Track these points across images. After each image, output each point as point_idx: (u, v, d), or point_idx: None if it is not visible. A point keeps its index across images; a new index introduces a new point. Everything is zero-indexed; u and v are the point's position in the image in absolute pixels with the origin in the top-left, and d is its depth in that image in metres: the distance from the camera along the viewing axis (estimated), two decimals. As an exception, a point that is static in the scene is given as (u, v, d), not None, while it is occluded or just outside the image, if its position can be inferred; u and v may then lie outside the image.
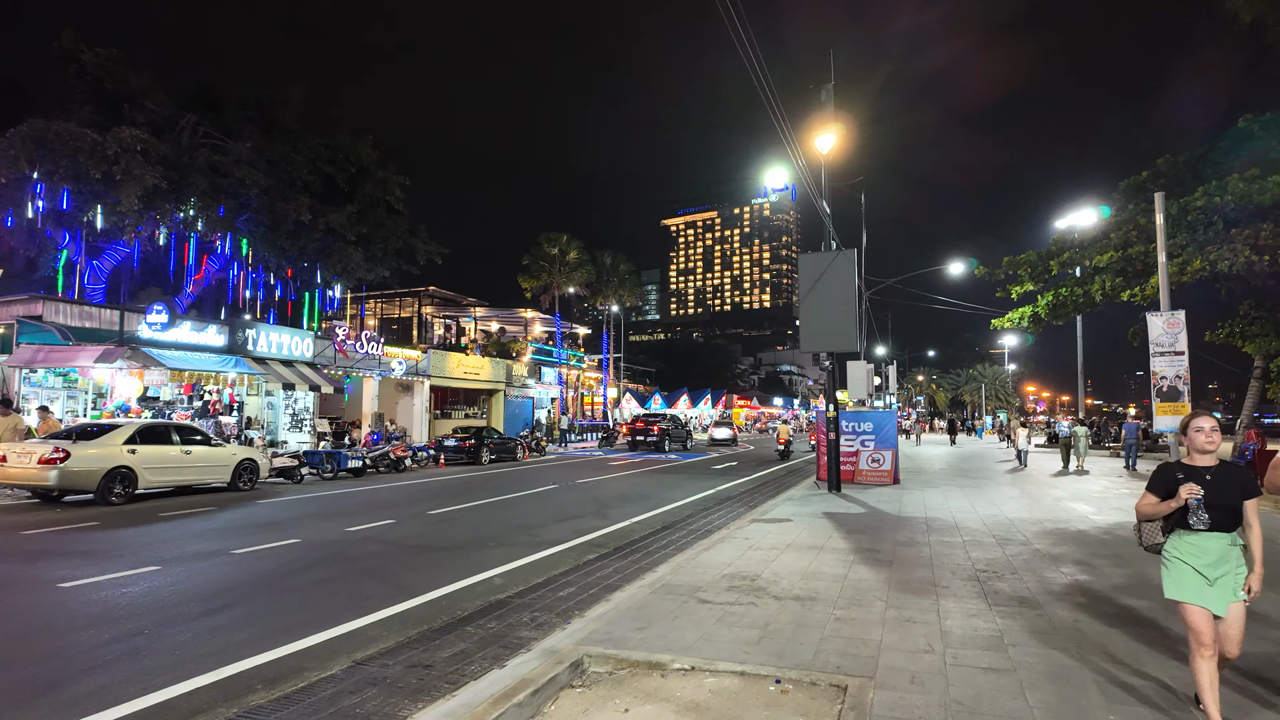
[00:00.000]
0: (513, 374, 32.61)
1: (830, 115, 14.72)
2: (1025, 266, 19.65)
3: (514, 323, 39.99)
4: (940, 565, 7.24)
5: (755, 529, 9.60)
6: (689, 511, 12.25)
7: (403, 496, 14.26)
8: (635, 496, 14.33)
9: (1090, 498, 13.30)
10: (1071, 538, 8.86)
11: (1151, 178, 18.58)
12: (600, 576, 7.24)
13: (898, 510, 11.49)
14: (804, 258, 14.61)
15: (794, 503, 12.56)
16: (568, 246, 37.19)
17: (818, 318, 14.36)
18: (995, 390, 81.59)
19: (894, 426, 16.53)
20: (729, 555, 7.78)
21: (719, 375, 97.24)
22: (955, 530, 9.46)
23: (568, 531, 10.09)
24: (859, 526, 9.78)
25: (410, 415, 26.72)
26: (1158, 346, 13.27)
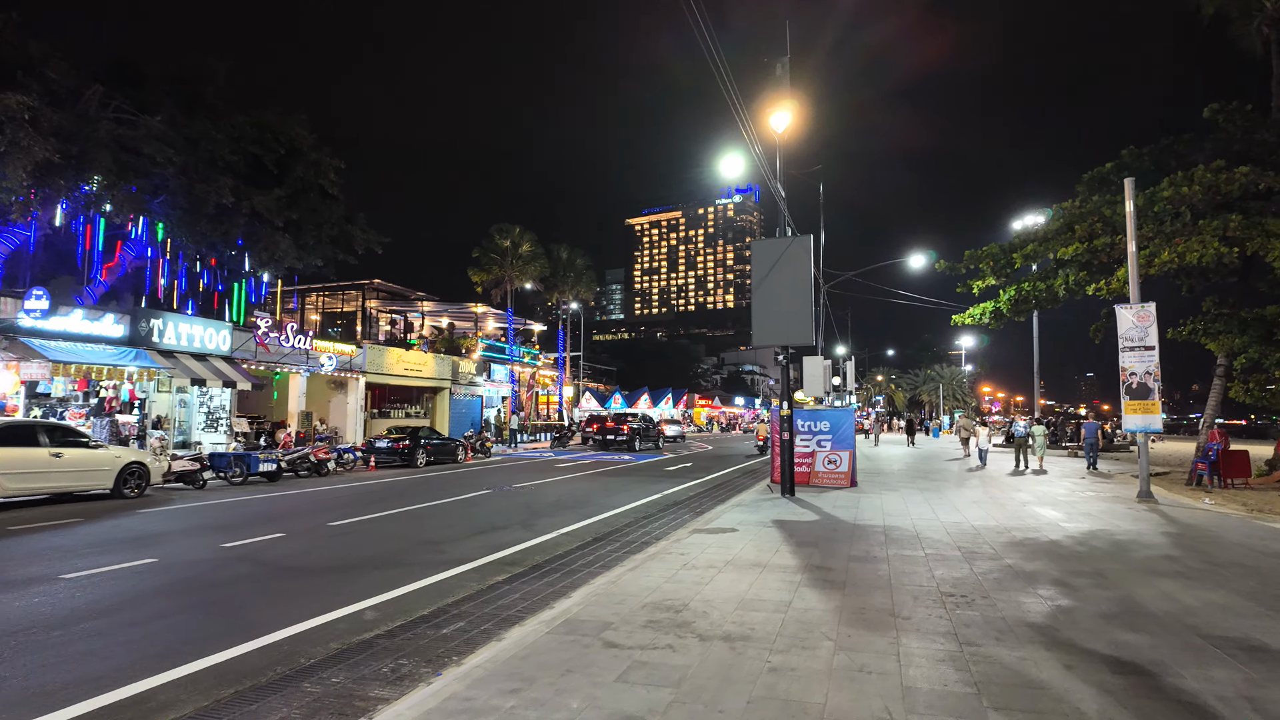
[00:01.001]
0: (459, 371, 31.04)
1: (786, 91, 13.70)
2: (987, 260, 18.93)
3: (464, 318, 38.36)
4: (900, 587, 6.17)
5: (695, 541, 8.46)
6: (628, 520, 11.07)
7: (310, 505, 12.80)
8: (573, 503, 13.10)
9: (1057, 502, 12.49)
10: (1044, 550, 7.90)
11: (1116, 169, 17.99)
12: (500, 607, 6.02)
13: (854, 518, 10.47)
14: (757, 244, 13.55)
15: (743, 509, 11.47)
16: (520, 239, 35.70)
17: (771, 309, 13.31)
18: (952, 390, 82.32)
19: (852, 426, 15.60)
20: (658, 577, 6.61)
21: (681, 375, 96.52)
22: (916, 542, 8.45)
23: (482, 547, 8.82)
24: (810, 538, 8.71)
25: (344, 414, 25.04)
26: (1127, 341, 12.54)
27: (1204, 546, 8.10)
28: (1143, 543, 8.37)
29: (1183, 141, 17.50)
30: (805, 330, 13.07)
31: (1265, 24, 18.14)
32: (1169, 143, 17.60)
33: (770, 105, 13.73)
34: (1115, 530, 9.32)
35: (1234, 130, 16.60)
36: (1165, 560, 7.31)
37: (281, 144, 24.85)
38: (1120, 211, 16.03)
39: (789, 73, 13.65)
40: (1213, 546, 8.08)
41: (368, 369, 25.51)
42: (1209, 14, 19.22)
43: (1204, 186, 14.49)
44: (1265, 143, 15.89)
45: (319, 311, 41.58)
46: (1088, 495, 13.61)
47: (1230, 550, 7.87)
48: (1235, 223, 13.91)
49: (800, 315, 13.04)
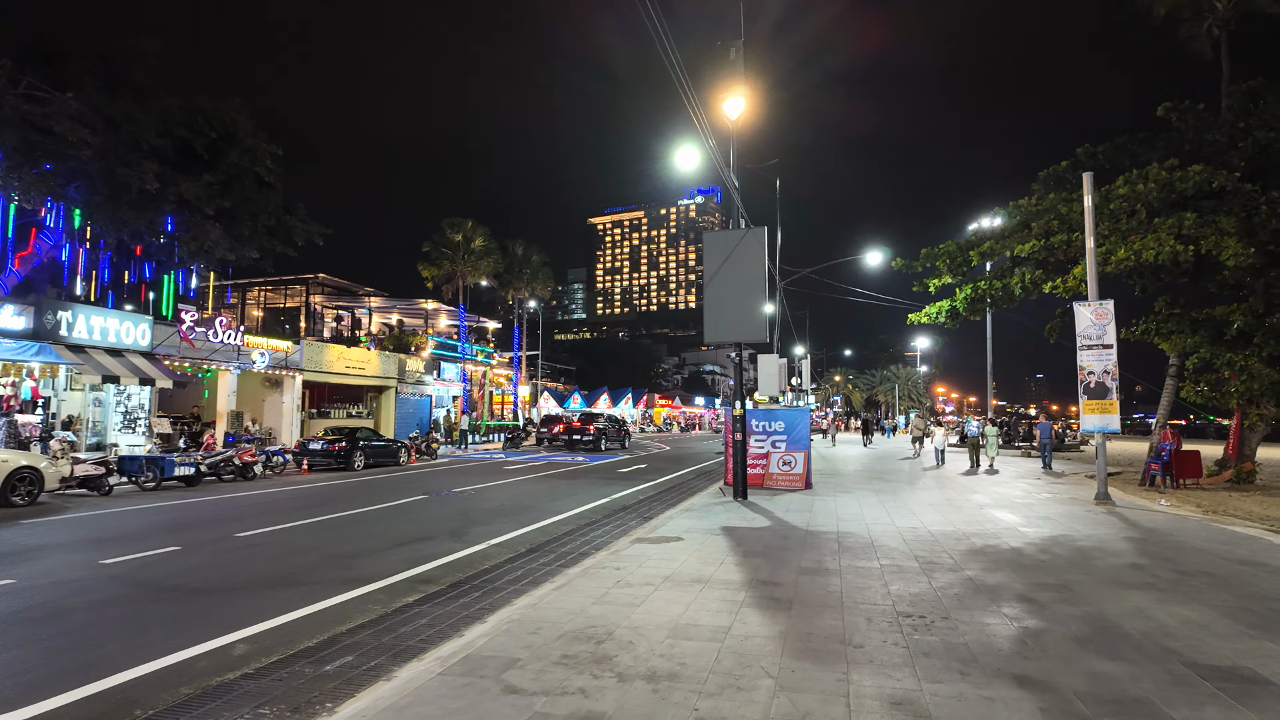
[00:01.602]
0: (406, 369, 29.82)
1: (740, 77, 13.10)
2: (944, 258, 18.67)
3: (414, 315, 37.07)
4: (853, 607, 5.55)
5: (635, 553, 7.75)
6: (570, 527, 10.32)
7: (223, 513, 11.74)
8: (514, 509, 12.28)
9: (1015, 505, 12.13)
10: (1006, 560, 7.40)
11: (1071, 167, 17.87)
12: (400, 636, 5.23)
13: (807, 523, 9.89)
14: (709, 236, 12.91)
15: (692, 514, 10.81)
16: (473, 233, 34.53)
17: (724, 305, 12.69)
18: (908, 390, 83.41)
19: (807, 426, 15.10)
20: (586, 597, 5.88)
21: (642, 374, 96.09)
22: (871, 550, 7.88)
23: (400, 561, 7.97)
24: (759, 547, 8.07)
25: (279, 414, 23.69)
26: (1085, 339, 12.24)
27: (1169, 553, 7.70)
28: (1106, 549, 7.93)
29: (1137, 140, 17.45)
30: (759, 327, 12.49)
31: (1216, 25, 18.27)
32: (1123, 141, 17.54)
33: (723, 91, 13.12)
34: (1076, 535, 8.90)
35: (1186, 130, 16.59)
36: (1132, 570, 6.85)
37: (214, 128, 23.43)
38: (1077, 209, 15.87)
39: (743, 57, 13.06)
40: (1178, 553, 7.68)
41: (305, 366, 24.21)
42: (1161, 14, 19.30)
43: (1159, 184, 14.35)
44: (1216, 143, 15.88)
45: (261, 307, 39.85)
46: (1045, 497, 13.31)
47: (1195, 557, 7.48)
48: (1190, 221, 13.78)
49: (754, 311, 12.45)
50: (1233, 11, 17.94)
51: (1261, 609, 5.43)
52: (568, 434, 30.10)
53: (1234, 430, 16.18)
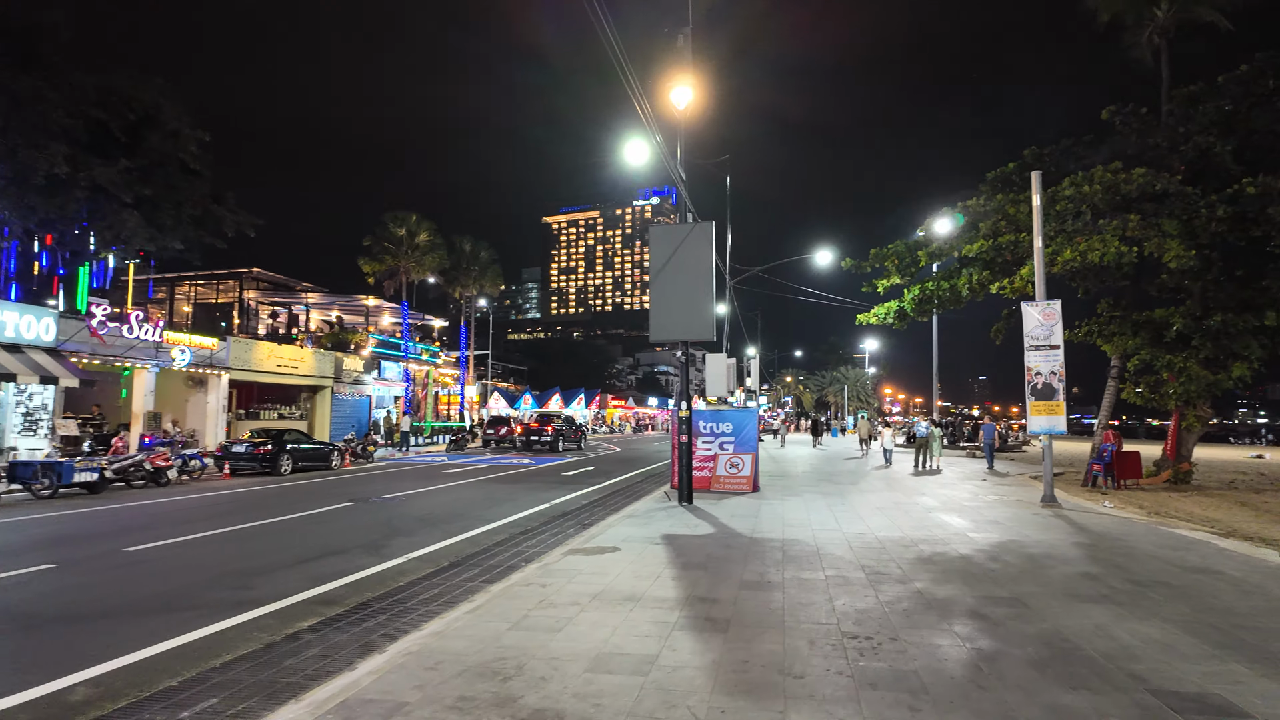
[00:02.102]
0: (343, 368, 28.53)
1: (688, 65, 12.61)
2: (893, 258, 18.59)
3: (355, 311, 35.61)
4: (795, 627, 5.05)
5: (567, 566, 7.14)
6: (502, 536, 9.64)
7: (119, 523, 10.70)
8: (445, 516, 11.53)
9: (963, 508, 11.91)
10: (956, 569, 7.03)
11: (1018, 168, 17.96)
12: (281, 671, 4.53)
13: (752, 529, 9.43)
14: (655, 229, 12.39)
15: (634, 521, 10.25)
16: (417, 227, 33.35)
17: (670, 302, 12.19)
18: (857, 392, 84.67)
19: (755, 427, 14.71)
20: (502, 621, 5.26)
21: (596, 375, 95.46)
22: (817, 560, 7.44)
23: (304, 579, 7.20)
24: (700, 557, 7.55)
25: (203, 415, 22.29)
26: (1033, 340, 12.10)
27: (1120, 560, 7.45)
28: (1057, 556, 7.65)
29: (1082, 144, 17.61)
30: (706, 325, 12.01)
31: (1156, 33, 18.57)
32: (1069, 144, 17.69)
33: (671, 80, 12.62)
34: (1026, 541, 8.64)
35: (1129, 134, 16.80)
36: (1086, 580, 6.54)
37: (133, 110, 21.97)
38: (1024, 210, 15.88)
39: (691, 45, 12.57)
40: (1130, 560, 7.43)
41: (233, 365, 22.84)
42: (1105, 20, 19.60)
43: (1104, 186, 14.42)
44: (1157, 147, 16.08)
45: (191, 302, 37.86)
46: (991, 499, 13.17)
47: (1148, 565, 7.24)
48: (1134, 223, 13.85)
49: (701, 308, 11.98)
50: (1172, 20, 18.27)
51: (1224, 624, 5.13)
52: (525, 435, 29.83)
53: (1172, 431, 16.42)
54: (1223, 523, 10.94)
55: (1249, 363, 15.08)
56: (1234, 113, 15.44)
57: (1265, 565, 7.21)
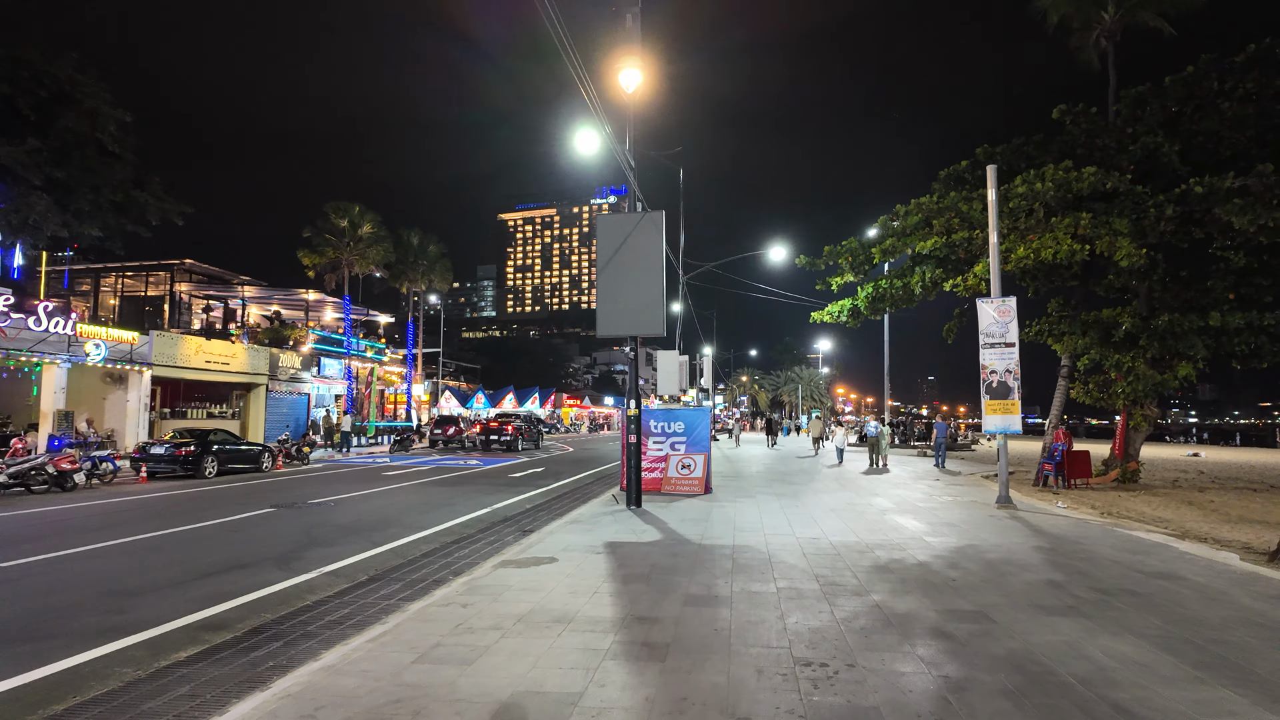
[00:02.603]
0: (279, 365, 27.13)
1: (637, 47, 12.02)
2: (846, 255, 18.34)
3: (295, 306, 34.07)
4: (743, 652, 4.50)
5: (495, 581, 6.48)
6: (432, 546, 8.90)
7: (5, 535, 9.59)
8: (374, 524, 10.71)
9: (918, 509, 11.59)
10: (915, 577, 6.59)
11: (971, 166, 17.90)
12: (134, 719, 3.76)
13: (701, 535, 8.89)
14: (603, 219, 11.76)
15: (578, 527, 9.62)
16: (360, 219, 31.99)
17: (618, 295, 11.57)
18: (810, 391, 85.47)
19: (708, 427, 14.22)
20: (408, 651, 4.58)
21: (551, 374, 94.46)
22: (768, 569, 6.92)
23: (195, 599, 6.38)
24: (644, 568, 6.96)
25: (123, 414, 20.81)
26: (988, 337, 11.85)
27: (1082, 565, 7.12)
28: (1017, 562, 7.29)
29: (1033, 143, 17.62)
30: (656, 319, 11.42)
31: (1104, 36, 18.72)
32: (1020, 143, 17.68)
33: (620, 62, 12.00)
34: (984, 545, 8.29)
35: (1079, 134, 16.84)
36: (1051, 589, 6.16)
37: (44, 86, 20.40)
38: (977, 207, 15.76)
39: (640, 25, 11.98)
40: (1091, 566, 7.11)
41: (156, 360, 21.39)
42: (1054, 21, 19.69)
43: (1056, 184, 14.34)
44: (1106, 148, 16.14)
45: (118, 295, 35.77)
46: (946, 500, 12.92)
47: (1110, 570, 6.91)
48: (1085, 221, 13.79)
49: (650, 301, 11.39)
50: (1119, 23, 18.43)
51: (1199, 639, 4.76)
52: (484, 434, 29.64)
53: (1120, 430, 16.50)
54: (1174, 523, 10.85)
55: (1194, 362, 15.22)
56: (1179, 114, 15.58)
57: (1227, 570, 6.96)
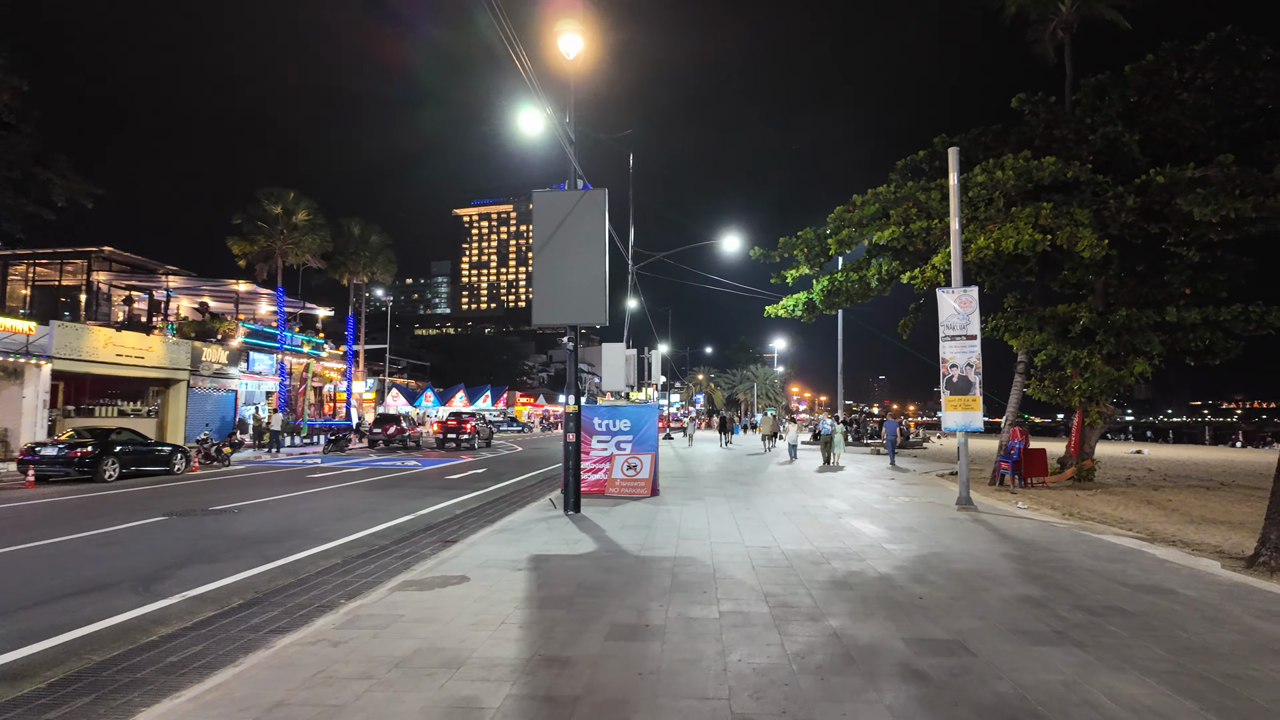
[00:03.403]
0: (202, 359, 25.28)
1: (578, 8, 11.01)
2: (801, 247, 17.64)
3: (226, 297, 32.04)
4: (670, 710, 3.56)
5: (386, 609, 5.44)
6: (334, 561, 7.76)
7: None
8: (276, 535, 9.49)
9: (875, 512, 10.87)
10: (877, 595, 5.77)
11: (928, 157, 17.38)
12: None
13: (642, 544, 7.96)
14: (540, 195, 10.73)
15: (505, 536, 8.60)
16: (295, 205, 30.15)
17: (557, 279, 10.58)
18: (766, 390, 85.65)
19: (655, 425, 13.32)
20: (240, 714, 3.51)
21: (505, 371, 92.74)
22: (712, 586, 6.03)
23: (10, 635, 5.17)
24: (569, 588, 5.99)
25: (18, 412, 18.91)
26: (949, 329, 11.20)
27: (1059, 577, 6.41)
28: (989, 574, 6.54)
29: (991, 133, 17.19)
30: (597, 306, 10.46)
31: (1060, 27, 18.40)
32: (978, 133, 17.23)
33: (558, 24, 10.98)
34: (949, 553, 7.55)
35: (1037, 124, 16.47)
36: (1030, 608, 5.40)
37: (-74, 49, 18.45)
38: (935, 196, 15.20)
39: (583, -14, 10.98)
40: (1069, 578, 6.40)
41: (58, 353, 19.52)
42: (1011, 12, 19.35)
43: (1017, 172, 13.85)
44: (1064, 139, 15.77)
45: (29, 284, 33.21)
46: (903, 501, 12.26)
47: (1090, 583, 6.21)
48: (1046, 211, 13.31)
49: (591, 287, 10.43)
50: (1075, 15, 18.14)
51: (1214, 674, 4.01)
52: (442, 433, 29.64)
53: (1075, 428, 16.17)
54: (1139, 524, 10.37)
55: (1150, 359, 14.94)
56: (1138, 104, 15.28)
57: (1213, 581, 6.33)
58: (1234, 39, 13.91)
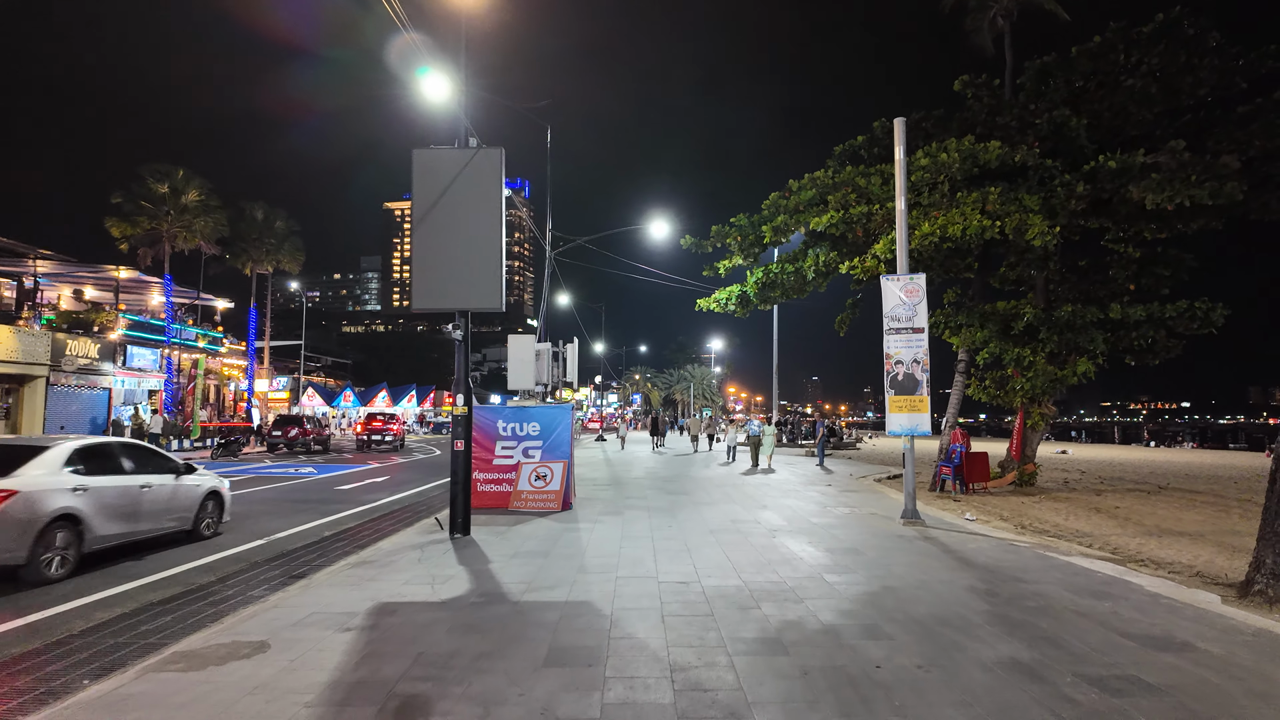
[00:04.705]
0: (65, 352, 22.24)
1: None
2: (735, 235, 16.30)
3: (104, 285, 28.70)
4: None
5: (114, 704, 3.64)
6: (120, 611, 5.84)
7: None
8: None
9: (812, 528, 9.53)
10: (820, 663, 4.30)
11: (867, 143, 16.31)
12: None
13: (529, 583, 6.34)
14: (420, 156, 8.93)
15: (362, 572, 6.84)
16: (185, 185, 27.09)
17: (442, 256, 8.86)
18: (702, 390, 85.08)
19: (568, 429, 11.69)
20: None
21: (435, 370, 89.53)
22: (602, 653, 4.46)
23: None
24: (399, 666, 4.32)
25: None
26: (894, 321, 9.97)
27: (1044, 624, 5.10)
28: (957, 622, 5.19)
29: (932, 118, 16.27)
30: (492, 288, 8.78)
31: (1001, 14, 17.68)
32: (919, 118, 16.27)
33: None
34: (904, 587, 6.21)
35: (980, 109, 15.64)
36: (1024, 681, 4.03)
37: None
38: (875, 182, 14.08)
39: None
40: (1056, 624, 5.11)
41: None
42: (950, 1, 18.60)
43: (962, 155, 12.84)
44: (1007, 126, 14.94)
45: None
46: (843, 513, 11.01)
47: (1084, 633, 4.92)
48: (994, 195, 12.32)
49: (485, 266, 8.76)
50: (1015, 2, 17.47)
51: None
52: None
53: (1017, 430, 15.36)
54: (1095, 537, 9.38)
55: (1093, 358, 14.21)
56: (1083, 90, 14.56)
57: (1232, 628, 5.14)
58: (1182, 21, 13.26)
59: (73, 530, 6.97)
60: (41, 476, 6.85)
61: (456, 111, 9.74)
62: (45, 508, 6.68)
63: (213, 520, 9.30)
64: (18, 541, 6.41)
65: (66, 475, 7.12)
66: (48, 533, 6.69)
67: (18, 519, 6.43)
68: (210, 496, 9.25)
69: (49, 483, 6.87)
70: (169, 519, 8.49)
